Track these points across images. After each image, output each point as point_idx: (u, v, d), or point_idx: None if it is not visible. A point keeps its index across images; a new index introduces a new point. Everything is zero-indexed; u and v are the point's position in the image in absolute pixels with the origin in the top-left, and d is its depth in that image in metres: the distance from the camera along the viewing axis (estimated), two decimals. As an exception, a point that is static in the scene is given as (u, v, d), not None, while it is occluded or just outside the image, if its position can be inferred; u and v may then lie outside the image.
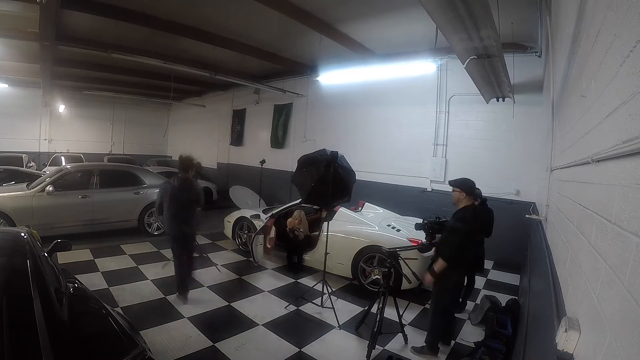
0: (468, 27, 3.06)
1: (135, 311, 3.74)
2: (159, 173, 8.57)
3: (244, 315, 3.90)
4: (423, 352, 3.30)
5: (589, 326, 1.09)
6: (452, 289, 3.27)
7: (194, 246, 4.47)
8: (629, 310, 0.75)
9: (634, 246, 0.77)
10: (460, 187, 3.16)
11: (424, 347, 3.31)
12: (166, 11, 6.21)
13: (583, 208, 1.46)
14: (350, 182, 4.48)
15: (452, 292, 3.30)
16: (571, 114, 2.22)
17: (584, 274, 1.26)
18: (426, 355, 3.28)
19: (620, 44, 1.01)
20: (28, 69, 10.01)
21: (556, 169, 2.99)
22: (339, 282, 5.01)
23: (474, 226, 3.12)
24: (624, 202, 0.88)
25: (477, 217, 3.18)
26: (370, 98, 8.55)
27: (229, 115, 13.49)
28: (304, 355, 3.23)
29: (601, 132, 1.23)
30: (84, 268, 4.83)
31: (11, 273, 1.91)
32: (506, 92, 5.38)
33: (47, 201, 5.81)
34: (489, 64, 3.99)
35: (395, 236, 4.70)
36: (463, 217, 3.07)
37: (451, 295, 3.32)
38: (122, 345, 1.80)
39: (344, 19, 6.10)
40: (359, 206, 5.74)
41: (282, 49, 8.29)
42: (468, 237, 3.07)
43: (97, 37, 7.34)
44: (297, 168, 4.42)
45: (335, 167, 4.06)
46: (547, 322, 1.66)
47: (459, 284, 3.36)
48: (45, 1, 4.42)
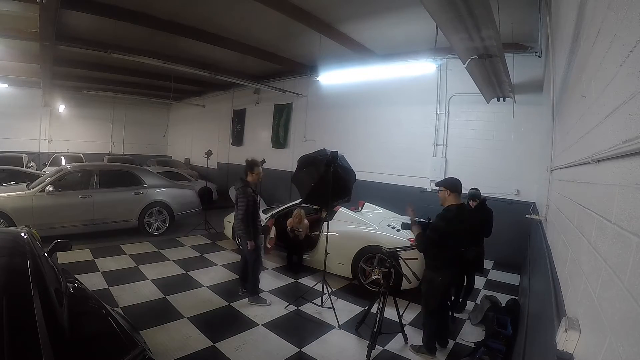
0: (469, 27, 3.06)
1: (135, 311, 3.74)
2: (159, 173, 8.57)
3: (244, 315, 3.90)
4: (421, 352, 3.31)
5: (589, 326, 1.09)
6: (441, 291, 3.15)
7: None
8: (629, 310, 0.75)
9: (634, 246, 0.77)
10: (444, 185, 3.14)
11: (422, 346, 3.32)
12: (166, 11, 6.21)
13: (583, 208, 1.46)
14: (350, 182, 4.48)
15: (441, 293, 3.17)
16: (571, 114, 2.22)
17: (584, 274, 1.26)
18: (424, 355, 3.29)
19: (620, 44, 1.01)
20: (28, 69, 10.01)
21: (556, 169, 2.99)
22: (339, 282, 5.01)
23: (457, 226, 3.01)
24: (624, 202, 0.88)
25: (461, 217, 3.05)
26: (370, 98, 8.55)
27: (229, 115, 13.50)
28: (304, 355, 3.23)
29: (601, 132, 1.23)
30: (84, 268, 4.83)
31: (11, 273, 1.90)
32: (507, 92, 5.38)
33: (47, 201, 5.81)
34: (490, 64, 3.99)
35: (395, 236, 4.70)
36: (445, 216, 3.04)
37: (440, 297, 3.18)
38: (122, 345, 1.80)
39: (344, 19, 6.10)
40: (359, 206, 5.74)
41: (282, 49, 8.29)
42: (448, 236, 2.98)
43: (97, 37, 7.35)
44: (297, 168, 4.42)
45: (336, 167, 4.06)
46: (547, 322, 1.66)
47: (448, 285, 3.23)
48: (45, 1, 4.42)
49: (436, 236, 2.99)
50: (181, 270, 5.19)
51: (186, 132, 17.07)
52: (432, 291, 3.15)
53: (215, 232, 7.35)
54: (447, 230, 2.97)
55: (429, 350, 3.28)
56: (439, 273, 3.10)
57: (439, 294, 3.16)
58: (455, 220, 3.00)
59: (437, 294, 3.14)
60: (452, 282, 3.31)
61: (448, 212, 3.06)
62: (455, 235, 3.02)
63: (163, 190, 7.24)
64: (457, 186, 3.13)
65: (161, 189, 7.21)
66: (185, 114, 17.01)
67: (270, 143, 11.38)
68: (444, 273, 3.10)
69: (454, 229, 2.99)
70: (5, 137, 13.51)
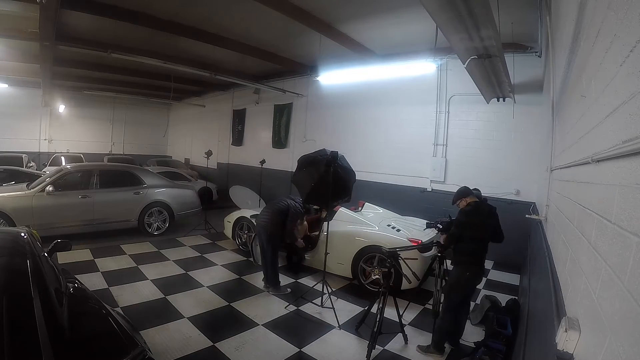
0: (469, 27, 3.06)
1: (135, 311, 3.74)
2: (159, 173, 8.57)
3: (244, 315, 3.90)
4: (429, 351, 3.30)
5: (589, 326, 1.09)
6: (466, 286, 3.27)
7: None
8: (629, 310, 0.75)
9: (634, 246, 0.77)
10: (459, 196, 3.44)
11: (430, 345, 3.31)
12: (166, 11, 6.21)
13: (583, 208, 1.46)
14: (350, 182, 4.48)
15: (464, 289, 3.28)
16: (571, 114, 2.22)
17: (584, 274, 1.26)
18: (433, 354, 3.28)
19: (620, 44, 1.01)
20: (28, 69, 10.01)
21: (556, 169, 2.99)
22: (339, 282, 5.01)
23: (475, 218, 3.22)
24: (624, 202, 0.88)
25: (478, 210, 3.28)
26: (370, 98, 8.55)
27: (229, 115, 13.50)
28: (304, 355, 3.23)
29: (601, 132, 1.23)
30: (84, 268, 4.83)
31: (11, 273, 1.90)
32: (506, 92, 5.38)
33: (47, 201, 5.81)
34: (490, 64, 3.99)
35: (395, 236, 4.70)
36: (463, 211, 3.32)
37: (463, 292, 3.28)
38: (122, 345, 1.79)
39: (344, 19, 6.10)
40: (359, 206, 5.74)
41: (282, 49, 8.29)
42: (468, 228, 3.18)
43: (97, 37, 7.35)
44: (297, 168, 4.42)
45: (335, 167, 4.05)
46: (547, 322, 1.66)
47: (472, 281, 3.31)
48: (45, 1, 4.42)
49: (458, 230, 3.22)
50: (181, 270, 5.19)
51: (186, 132, 17.07)
52: (456, 286, 3.22)
53: (215, 232, 7.35)
54: (467, 221, 3.21)
55: (438, 349, 3.27)
56: (465, 268, 3.18)
57: (462, 289, 3.26)
58: (473, 213, 3.25)
59: (460, 288, 3.24)
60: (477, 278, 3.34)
61: (467, 206, 3.33)
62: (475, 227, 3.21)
63: (163, 190, 7.24)
64: (468, 191, 3.46)
65: (161, 189, 7.22)
66: (185, 114, 17.01)
67: (270, 143, 11.38)
68: (470, 268, 3.20)
69: (473, 222, 3.21)
70: (5, 137, 13.50)
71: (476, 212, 3.26)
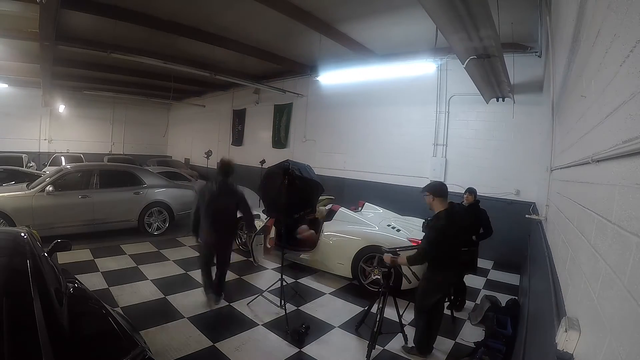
0: (468, 27, 3.06)
1: (135, 311, 3.73)
2: (159, 173, 8.57)
3: (244, 315, 3.90)
4: (412, 353, 3.29)
5: (589, 326, 1.09)
6: (439, 290, 3.12)
7: (229, 254, 4.28)
8: (629, 310, 0.75)
9: (634, 246, 0.77)
10: (428, 190, 3.08)
11: (414, 347, 3.31)
12: (166, 11, 6.21)
13: (583, 208, 1.46)
14: (313, 194, 4.39)
15: (436, 293, 3.11)
16: (571, 114, 2.22)
17: (584, 274, 1.26)
18: (414, 356, 3.26)
19: (620, 44, 1.01)
20: (28, 69, 10.01)
21: (556, 169, 2.99)
22: (339, 282, 5.00)
23: (448, 232, 2.96)
24: (624, 202, 0.88)
25: (451, 220, 3.00)
26: (370, 98, 8.55)
27: (229, 115, 13.50)
28: (304, 355, 3.22)
29: (601, 132, 1.23)
30: (84, 268, 4.82)
31: (11, 273, 1.90)
32: (506, 92, 5.38)
33: (47, 201, 5.80)
34: (489, 64, 3.99)
35: (395, 236, 4.70)
36: (434, 226, 3.00)
37: (437, 297, 3.12)
38: (122, 345, 1.80)
39: (344, 19, 6.10)
40: (359, 206, 5.73)
41: (282, 49, 8.29)
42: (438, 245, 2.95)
43: (97, 37, 7.35)
44: (260, 181, 4.40)
45: (292, 178, 3.94)
46: (547, 322, 1.66)
47: (445, 285, 3.21)
48: (45, 1, 4.42)
49: (431, 248, 2.96)
50: (181, 270, 5.19)
51: (186, 132, 17.07)
52: (429, 290, 3.12)
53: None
54: (440, 240, 2.94)
55: (421, 351, 3.24)
56: (438, 272, 3.09)
57: (436, 294, 3.11)
58: (446, 226, 2.95)
59: (434, 293, 3.11)
60: (452, 282, 3.29)
61: (438, 220, 3.00)
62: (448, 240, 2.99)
63: (163, 190, 7.23)
64: (442, 190, 3.07)
65: (161, 189, 7.21)
66: (185, 114, 17.00)
67: (270, 143, 11.39)
68: (444, 273, 3.10)
69: (446, 235, 2.96)
70: (5, 137, 13.51)
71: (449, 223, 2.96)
